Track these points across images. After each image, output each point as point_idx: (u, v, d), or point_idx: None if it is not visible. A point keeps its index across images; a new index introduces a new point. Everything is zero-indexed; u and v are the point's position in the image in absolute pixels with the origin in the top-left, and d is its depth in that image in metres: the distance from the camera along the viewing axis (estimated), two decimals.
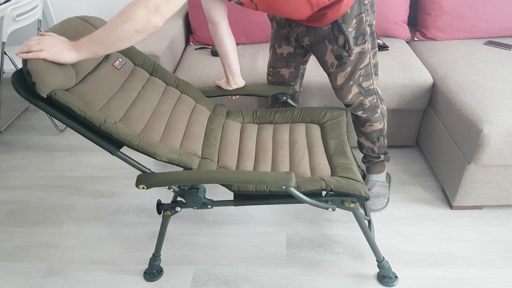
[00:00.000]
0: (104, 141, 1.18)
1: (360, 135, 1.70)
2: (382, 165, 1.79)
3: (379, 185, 1.78)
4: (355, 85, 1.50)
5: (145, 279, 1.52)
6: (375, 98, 1.56)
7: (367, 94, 1.53)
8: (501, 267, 1.49)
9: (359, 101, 1.55)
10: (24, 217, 1.85)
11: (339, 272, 1.50)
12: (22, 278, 1.56)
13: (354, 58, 1.43)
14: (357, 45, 1.40)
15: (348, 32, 1.37)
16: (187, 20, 2.41)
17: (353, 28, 1.37)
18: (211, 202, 1.30)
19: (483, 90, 1.62)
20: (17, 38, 2.91)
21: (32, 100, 1.10)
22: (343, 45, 1.40)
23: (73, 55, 1.11)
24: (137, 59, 1.50)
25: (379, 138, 1.68)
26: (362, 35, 1.40)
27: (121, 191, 1.97)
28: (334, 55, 1.44)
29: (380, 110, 1.61)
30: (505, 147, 1.46)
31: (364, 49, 1.42)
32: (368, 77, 1.50)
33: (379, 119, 1.62)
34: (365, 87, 1.51)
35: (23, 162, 2.23)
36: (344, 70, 1.46)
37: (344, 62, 1.44)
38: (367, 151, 1.74)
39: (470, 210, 1.73)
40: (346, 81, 1.49)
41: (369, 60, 1.46)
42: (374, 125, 1.63)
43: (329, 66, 1.49)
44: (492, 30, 2.10)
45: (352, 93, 1.52)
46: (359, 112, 1.59)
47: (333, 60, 1.45)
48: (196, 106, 1.57)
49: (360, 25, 1.38)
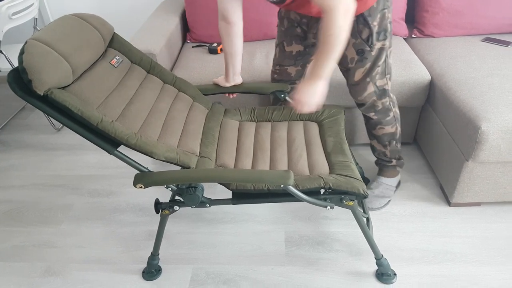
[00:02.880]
0: (101, 140, 1.18)
1: (372, 138, 1.70)
2: (394, 170, 1.77)
3: (385, 187, 1.77)
4: (371, 82, 1.49)
5: (144, 278, 1.52)
6: (388, 100, 1.56)
7: (380, 94, 1.53)
8: (499, 263, 1.49)
9: (372, 101, 1.54)
10: (22, 216, 1.85)
11: (338, 270, 1.50)
12: (20, 278, 1.55)
13: (375, 53, 1.42)
14: (379, 40, 1.40)
15: (373, 26, 1.36)
16: (184, 18, 2.40)
17: (377, 22, 1.37)
18: (209, 201, 1.30)
19: (481, 87, 1.62)
20: (13, 37, 2.90)
21: (28, 99, 1.09)
22: (366, 39, 1.39)
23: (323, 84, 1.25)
24: (134, 57, 1.49)
25: (390, 142, 1.66)
26: (384, 31, 1.39)
27: (119, 190, 1.97)
28: (355, 49, 1.42)
29: (393, 113, 1.60)
30: (503, 144, 1.46)
31: (384, 45, 1.42)
32: (382, 75, 1.49)
33: (391, 122, 1.61)
34: (379, 86, 1.51)
35: (20, 161, 2.22)
36: (364, 65, 1.45)
37: (365, 57, 1.43)
38: (379, 155, 1.74)
39: (468, 207, 1.73)
40: (363, 78, 1.48)
41: (386, 57, 1.46)
42: (385, 128, 1.62)
43: (349, 61, 1.47)
44: (490, 26, 2.10)
45: (368, 91, 1.51)
46: (370, 113, 1.58)
47: (353, 55, 1.44)
48: (194, 104, 1.57)
49: (383, 20, 1.38)
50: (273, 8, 2.18)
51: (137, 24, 2.84)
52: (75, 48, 1.21)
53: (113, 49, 1.44)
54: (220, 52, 2.14)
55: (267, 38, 2.28)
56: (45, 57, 1.10)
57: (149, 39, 1.95)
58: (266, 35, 2.25)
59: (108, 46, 1.44)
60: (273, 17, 2.20)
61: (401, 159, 1.76)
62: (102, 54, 1.38)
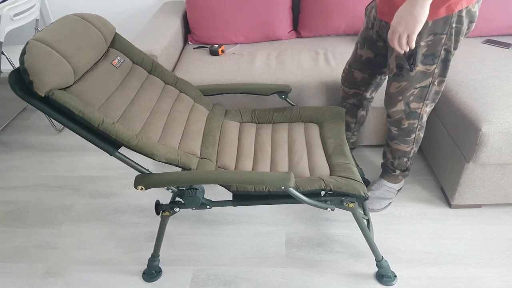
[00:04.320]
0: (102, 142, 1.18)
1: (387, 145, 1.67)
2: (396, 178, 1.74)
3: (386, 189, 1.75)
4: (403, 102, 1.44)
5: (144, 279, 1.52)
6: (417, 123, 1.51)
7: (410, 115, 1.47)
8: (500, 265, 1.49)
9: (399, 118, 1.50)
10: (23, 217, 1.85)
11: (338, 272, 1.50)
12: (21, 278, 1.55)
13: (414, 75, 1.35)
14: (423, 63, 1.32)
15: (419, 46, 1.28)
16: (185, 19, 2.41)
17: (426, 43, 1.28)
18: (210, 203, 1.30)
19: (482, 89, 1.62)
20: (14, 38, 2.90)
21: (29, 100, 1.09)
22: (408, 57, 1.31)
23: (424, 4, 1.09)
24: (135, 57, 1.50)
25: (401, 157, 1.64)
26: (432, 56, 1.30)
27: (120, 191, 1.97)
28: (396, 62, 1.36)
29: (414, 136, 1.55)
30: (504, 146, 1.46)
31: (429, 70, 1.33)
32: (420, 99, 1.42)
33: (408, 142, 1.57)
34: (411, 108, 1.45)
35: (21, 162, 2.23)
36: (399, 81, 1.39)
37: (402, 74, 1.36)
38: (386, 161, 1.72)
39: (469, 209, 1.73)
40: (397, 94, 1.43)
41: (430, 84, 1.37)
42: (400, 145, 1.59)
43: (390, 71, 1.42)
44: (491, 28, 2.10)
45: (397, 108, 1.47)
46: (393, 128, 1.56)
47: (393, 66, 1.38)
48: (195, 105, 1.57)
49: (436, 45, 1.28)
50: (274, 10, 2.18)
51: (138, 25, 2.84)
52: (76, 49, 1.21)
53: (114, 50, 1.44)
54: (221, 54, 2.14)
55: (268, 39, 2.28)
56: (47, 58, 1.10)
57: (150, 40, 1.96)
58: (267, 37, 2.26)
59: (110, 46, 1.44)
60: (274, 18, 2.20)
61: (406, 171, 1.71)
62: (103, 55, 1.39)
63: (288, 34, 2.29)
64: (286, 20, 2.25)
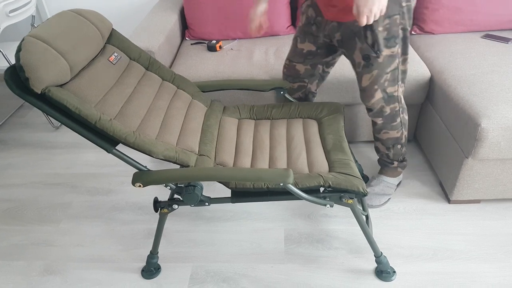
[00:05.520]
0: (99, 139, 1.17)
1: (377, 140, 1.68)
2: (395, 171, 1.75)
3: (386, 185, 1.76)
4: (380, 89, 1.46)
5: (143, 276, 1.51)
6: (397, 106, 1.53)
7: (389, 100, 1.50)
8: (499, 261, 1.49)
9: (380, 107, 1.52)
10: (20, 215, 1.84)
11: (337, 268, 1.50)
12: (19, 276, 1.55)
13: (383, 61, 1.39)
14: (387, 47, 1.36)
15: (379, 32, 1.33)
16: (182, 15, 2.39)
17: (384, 28, 1.33)
18: (209, 200, 1.29)
19: (481, 84, 1.61)
20: (10, 34, 2.88)
21: (25, 97, 1.09)
22: (372, 45, 1.36)
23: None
24: (132, 54, 1.49)
25: (394, 145, 1.65)
26: (393, 38, 1.35)
27: (118, 188, 1.96)
28: (361, 54, 1.40)
29: (400, 119, 1.57)
30: (503, 141, 1.46)
31: (394, 52, 1.38)
32: (393, 82, 1.46)
33: (397, 127, 1.59)
34: (388, 93, 1.48)
35: (19, 160, 2.22)
36: (370, 72, 1.42)
37: (371, 63, 1.40)
38: (382, 155, 1.72)
39: (468, 204, 1.73)
40: (371, 84, 1.45)
41: (398, 65, 1.42)
42: (390, 133, 1.60)
43: (356, 65, 1.45)
44: (490, 23, 2.09)
45: (375, 98, 1.49)
46: (378, 119, 1.57)
47: (360, 60, 1.42)
48: (193, 101, 1.56)
49: (393, 26, 1.33)
50: (272, 6, 2.17)
51: (135, 21, 2.83)
52: (73, 45, 1.20)
53: (111, 46, 1.43)
54: (219, 50, 2.13)
55: (266, 35, 2.27)
56: (43, 55, 1.09)
57: (147, 37, 1.94)
58: (265, 33, 2.25)
59: (107, 42, 1.43)
60: (272, 14, 2.19)
61: (404, 161, 1.73)
62: (100, 51, 1.38)
63: (287, 29, 2.28)
64: (284, 16, 2.24)
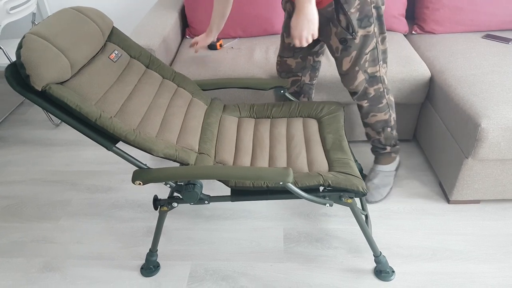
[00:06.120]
0: (99, 136, 1.17)
1: (366, 125, 1.68)
2: (389, 157, 1.75)
3: (383, 175, 1.76)
4: (361, 71, 1.48)
5: (142, 274, 1.52)
6: (381, 87, 1.54)
7: (372, 81, 1.51)
8: (498, 261, 1.49)
9: (363, 89, 1.53)
10: (20, 212, 1.84)
11: (336, 267, 1.50)
12: (19, 273, 1.55)
13: (359, 41, 1.40)
14: (362, 27, 1.38)
15: (351, 13, 1.35)
16: (183, 13, 2.39)
17: (356, 9, 1.35)
18: (208, 198, 1.29)
19: (481, 84, 1.61)
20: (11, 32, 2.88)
21: (26, 95, 1.09)
22: (346, 27, 1.38)
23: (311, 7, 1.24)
24: (133, 52, 1.49)
25: (384, 128, 1.65)
26: (366, 17, 1.37)
27: (118, 186, 1.96)
28: (338, 38, 1.42)
29: (386, 100, 1.59)
30: (503, 142, 1.46)
31: (370, 32, 1.40)
32: (374, 62, 1.47)
33: (384, 109, 1.60)
34: (370, 73, 1.49)
35: (19, 157, 2.22)
36: (349, 54, 1.44)
37: (348, 45, 1.42)
38: (374, 142, 1.73)
39: (468, 205, 1.73)
40: (352, 67, 1.47)
41: (376, 45, 1.44)
42: (378, 115, 1.61)
43: (334, 51, 1.47)
44: (491, 23, 2.09)
45: (358, 80, 1.50)
46: (363, 102, 1.57)
47: (337, 44, 1.44)
48: (193, 100, 1.56)
49: (364, 6, 1.36)
50: (272, 4, 2.16)
51: (136, 19, 2.82)
52: (73, 43, 1.20)
53: (112, 43, 1.43)
54: (219, 48, 2.13)
55: (267, 34, 2.26)
56: (43, 52, 1.09)
57: (148, 34, 1.94)
58: (266, 31, 2.24)
59: (107, 40, 1.43)
60: (272, 13, 2.18)
61: (396, 146, 1.73)
62: (101, 49, 1.37)
63: None
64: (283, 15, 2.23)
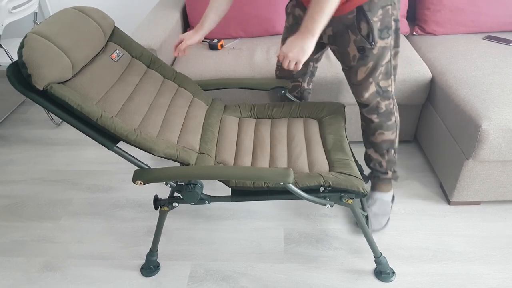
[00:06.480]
0: (100, 136, 1.17)
1: (369, 146, 1.60)
2: (388, 183, 1.67)
3: (381, 203, 1.67)
4: (374, 83, 1.44)
5: (142, 274, 1.52)
6: (391, 103, 1.50)
7: (384, 96, 1.47)
8: (499, 263, 1.49)
9: (376, 102, 1.48)
10: (21, 211, 1.84)
11: (337, 268, 1.50)
12: (19, 272, 1.55)
13: (377, 52, 1.37)
14: (381, 38, 1.36)
15: (373, 22, 1.32)
16: (184, 13, 2.39)
17: (379, 19, 1.32)
18: (209, 198, 1.30)
19: (482, 85, 1.61)
20: (13, 31, 2.89)
21: (27, 94, 1.09)
22: (367, 36, 1.34)
23: (313, 41, 1.24)
24: (134, 51, 1.49)
25: (389, 150, 1.57)
26: (386, 29, 1.35)
27: (118, 185, 1.97)
28: (356, 46, 1.38)
29: (395, 118, 1.53)
30: (504, 143, 1.46)
31: (387, 44, 1.37)
32: (387, 76, 1.43)
33: (392, 128, 1.53)
34: (382, 87, 1.45)
35: (20, 156, 2.22)
36: (366, 64, 1.40)
37: (366, 55, 1.38)
38: (374, 165, 1.63)
39: (468, 206, 1.73)
40: (366, 77, 1.43)
41: (390, 58, 1.41)
42: (385, 134, 1.54)
43: (351, 59, 1.42)
44: (492, 24, 2.09)
45: (370, 92, 1.46)
46: (373, 116, 1.51)
47: (355, 52, 1.40)
48: (194, 100, 1.56)
49: (386, 17, 1.33)
50: (273, 4, 2.17)
51: (137, 19, 2.83)
52: (75, 42, 1.20)
53: (113, 43, 1.43)
54: (220, 48, 2.13)
55: (268, 34, 2.27)
56: (45, 52, 1.09)
57: (149, 34, 1.94)
58: (267, 31, 2.24)
59: (109, 40, 1.43)
60: (274, 13, 2.19)
61: (396, 172, 1.65)
62: (102, 48, 1.38)
63: None
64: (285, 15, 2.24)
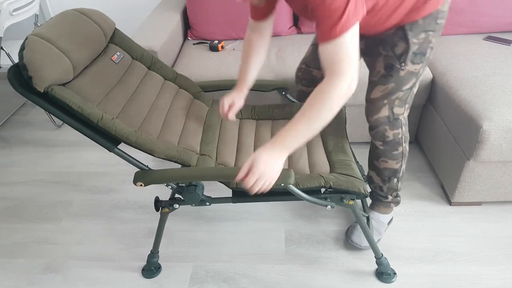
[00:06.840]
0: (101, 138, 1.17)
1: (372, 168, 1.52)
2: (388, 207, 1.59)
3: (376, 222, 1.59)
4: (388, 106, 1.34)
5: (143, 276, 1.52)
6: (401, 133, 1.39)
7: (393, 124, 1.37)
8: (500, 263, 1.49)
9: (382, 130, 1.38)
10: (22, 213, 1.84)
11: (338, 269, 1.50)
12: (20, 274, 1.55)
13: (404, 75, 1.28)
14: (413, 63, 1.27)
15: (412, 43, 1.23)
16: (185, 15, 2.39)
17: (419, 41, 1.23)
18: (210, 199, 1.30)
19: (483, 86, 1.61)
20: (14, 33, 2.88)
21: (28, 96, 1.09)
22: (400, 55, 1.25)
23: (285, 158, 1.11)
24: (135, 53, 1.49)
25: (391, 178, 1.48)
26: (421, 54, 1.26)
27: (119, 187, 1.97)
28: (385, 63, 1.29)
29: (402, 149, 1.42)
30: (505, 143, 1.46)
31: (416, 70, 1.28)
32: (403, 103, 1.34)
33: (397, 158, 1.43)
34: (395, 114, 1.35)
35: (20, 158, 2.22)
36: (386, 83, 1.30)
37: (391, 74, 1.28)
38: (375, 188, 1.55)
39: (469, 206, 1.73)
40: (381, 98, 1.33)
41: (412, 85, 1.32)
42: (389, 162, 1.45)
43: (374, 73, 1.34)
44: (492, 25, 2.09)
45: (380, 115, 1.36)
46: (378, 142, 1.43)
47: (381, 68, 1.30)
48: (194, 101, 1.56)
49: (425, 42, 1.24)
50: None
51: (138, 20, 2.83)
52: (76, 44, 1.20)
53: (114, 45, 1.43)
54: (221, 50, 2.13)
55: (275, 35, 2.25)
56: (46, 54, 1.10)
57: (150, 36, 1.95)
58: (274, 32, 2.23)
59: (109, 41, 1.43)
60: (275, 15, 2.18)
61: (398, 197, 1.57)
62: (103, 50, 1.38)
63: (289, 30, 2.28)
64: (286, 16, 2.24)
